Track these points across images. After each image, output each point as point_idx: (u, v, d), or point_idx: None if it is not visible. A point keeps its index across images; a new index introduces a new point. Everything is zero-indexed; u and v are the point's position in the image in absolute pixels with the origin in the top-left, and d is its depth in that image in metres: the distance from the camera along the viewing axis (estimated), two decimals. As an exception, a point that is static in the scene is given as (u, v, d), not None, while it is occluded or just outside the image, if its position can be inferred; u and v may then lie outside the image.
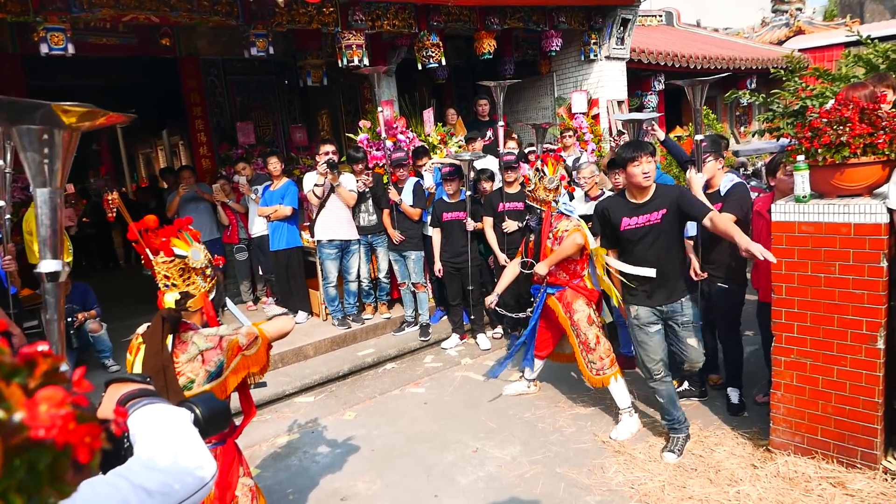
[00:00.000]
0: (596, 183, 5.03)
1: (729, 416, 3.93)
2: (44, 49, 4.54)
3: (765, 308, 3.62)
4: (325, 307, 6.05)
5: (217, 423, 1.39)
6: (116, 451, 1.06)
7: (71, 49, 4.63)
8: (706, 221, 3.25)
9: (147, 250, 2.07)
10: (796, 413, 3.30)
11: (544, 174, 3.95)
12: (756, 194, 4.61)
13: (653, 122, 5.11)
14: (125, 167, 16.82)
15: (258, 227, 6.36)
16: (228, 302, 2.67)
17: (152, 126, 12.78)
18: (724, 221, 3.24)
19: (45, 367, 0.50)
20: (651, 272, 3.41)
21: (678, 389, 4.18)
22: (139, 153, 16.71)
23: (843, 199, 3.06)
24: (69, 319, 4.92)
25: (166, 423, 1.06)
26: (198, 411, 1.30)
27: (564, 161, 6.34)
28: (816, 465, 3.22)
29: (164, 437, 1.01)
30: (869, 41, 6.03)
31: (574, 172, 5.36)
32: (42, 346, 0.58)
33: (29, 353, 0.51)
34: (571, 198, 5.12)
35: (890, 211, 2.88)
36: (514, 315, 4.64)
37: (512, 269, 4.24)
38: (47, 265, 1.18)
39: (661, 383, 3.55)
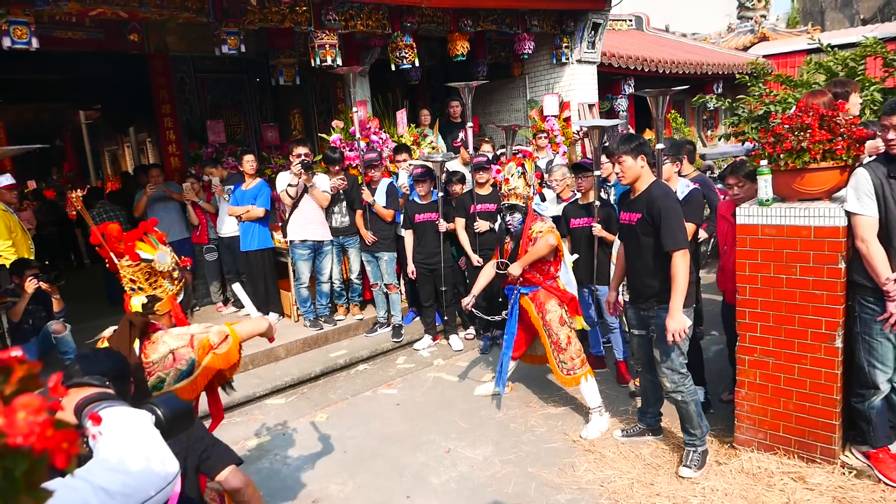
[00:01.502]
0: (567, 185, 5.09)
1: (695, 414, 4.02)
2: (6, 43, 4.41)
3: (730, 309, 3.71)
4: (297, 308, 6.00)
5: (179, 423, 1.40)
6: None
7: (35, 43, 4.51)
8: (670, 252, 3.15)
9: (111, 254, 2.04)
10: (759, 410, 3.40)
11: (525, 170, 4.03)
12: (723, 197, 4.73)
13: (625, 126, 5.25)
14: (90, 164, 16.41)
15: (228, 227, 6.27)
16: (237, 287, 2.64)
17: (119, 123, 12.49)
18: (679, 273, 3.11)
19: (20, 373, 0.50)
20: (573, 257, 3.72)
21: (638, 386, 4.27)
22: (105, 150, 16.30)
23: (804, 202, 3.17)
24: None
25: (126, 424, 1.06)
26: (160, 412, 1.30)
27: (538, 159, 6.45)
28: (779, 460, 3.32)
29: (125, 439, 1.02)
30: (829, 49, 6.24)
31: (546, 175, 5.43)
32: (16, 352, 0.58)
33: (4, 359, 0.51)
34: (543, 199, 5.21)
35: (847, 214, 3.00)
36: (487, 317, 4.68)
37: (488, 271, 4.26)
38: None
39: (641, 376, 3.76)
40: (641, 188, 3.32)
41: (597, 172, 4.52)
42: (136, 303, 2.05)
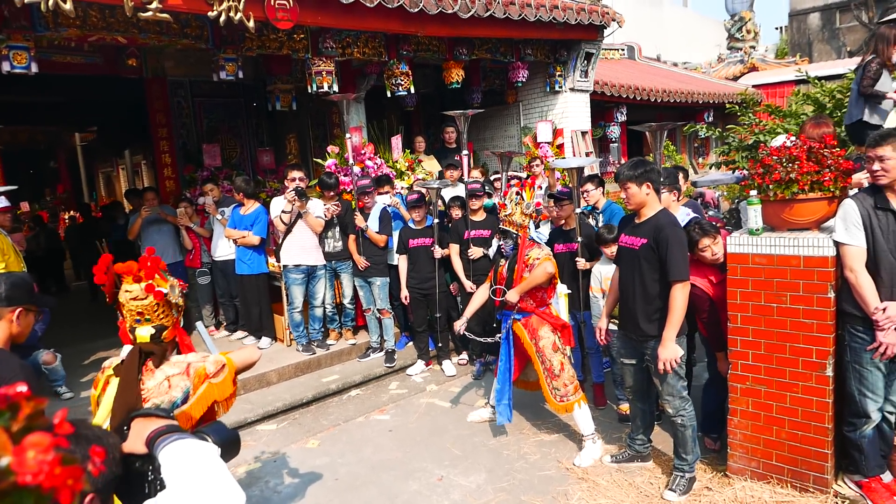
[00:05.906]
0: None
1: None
2: (5, 67, 4.45)
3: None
4: (290, 333, 5.97)
5: (230, 451, 1.48)
6: (140, 483, 1.14)
7: (34, 68, 4.55)
8: (672, 282, 3.20)
9: (113, 289, 2.05)
10: (752, 439, 3.41)
11: (523, 199, 4.06)
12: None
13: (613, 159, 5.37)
14: (84, 186, 16.42)
15: (223, 249, 6.27)
16: (199, 325, 2.64)
17: (115, 145, 12.54)
18: (677, 304, 3.19)
19: (28, 410, 0.51)
20: (566, 290, 3.74)
21: (625, 413, 4.27)
22: (99, 172, 16.34)
23: (793, 232, 3.22)
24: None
25: (196, 458, 1.12)
26: (210, 440, 1.36)
27: (541, 188, 6.50)
28: (772, 489, 3.31)
29: (195, 472, 1.09)
30: (816, 80, 6.38)
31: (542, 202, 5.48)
32: (22, 387, 0.59)
33: (12, 396, 0.52)
34: (537, 226, 5.25)
35: (836, 244, 3.04)
36: (480, 339, 4.68)
37: (481, 294, 4.28)
38: None
39: (631, 403, 3.79)
40: (648, 214, 3.38)
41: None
42: (144, 333, 2.05)
